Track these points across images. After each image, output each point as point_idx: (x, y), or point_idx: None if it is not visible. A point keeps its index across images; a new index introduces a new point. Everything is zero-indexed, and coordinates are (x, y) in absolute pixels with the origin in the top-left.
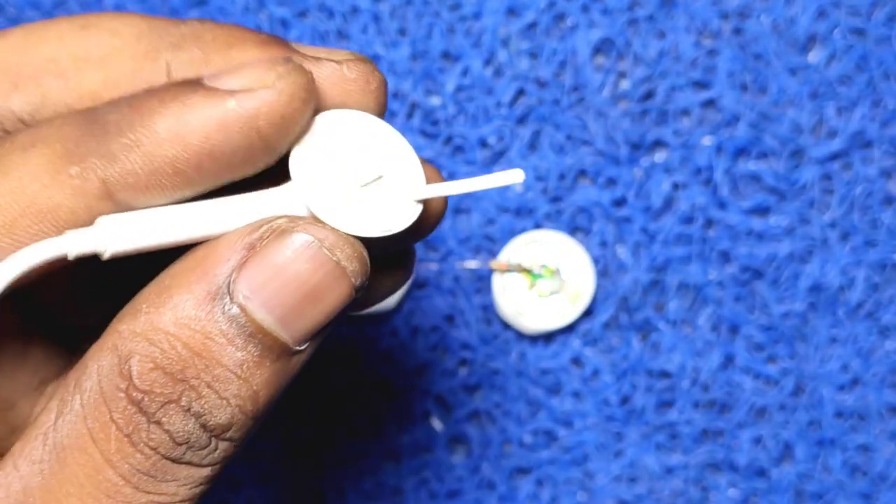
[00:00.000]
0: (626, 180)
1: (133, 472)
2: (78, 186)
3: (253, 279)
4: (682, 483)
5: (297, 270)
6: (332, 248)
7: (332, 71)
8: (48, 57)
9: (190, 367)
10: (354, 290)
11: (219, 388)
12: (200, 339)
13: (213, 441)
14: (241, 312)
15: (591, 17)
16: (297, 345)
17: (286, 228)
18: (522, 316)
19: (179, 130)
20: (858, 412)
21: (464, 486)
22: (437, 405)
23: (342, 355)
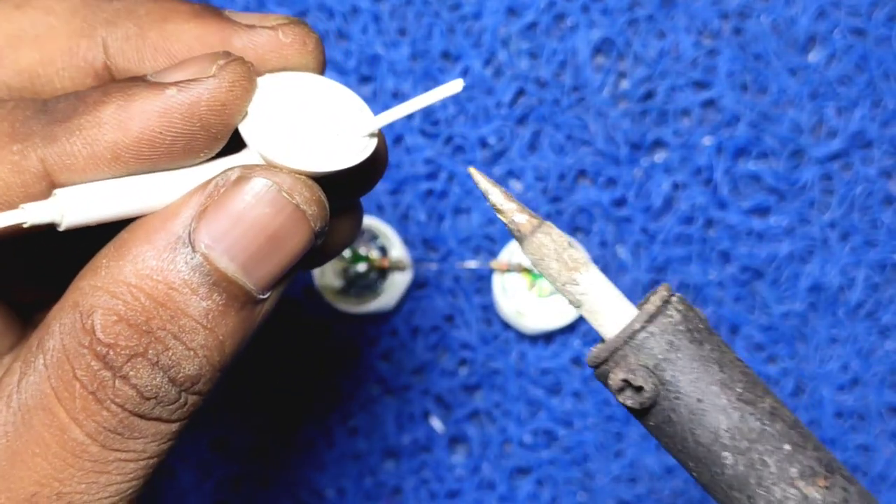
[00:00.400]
0: (626, 180)
1: (99, 429)
2: (17, 163)
3: (214, 227)
4: (682, 483)
5: (257, 215)
6: (291, 191)
7: (267, 37)
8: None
9: (155, 318)
10: (314, 234)
11: (185, 339)
12: (164, 290)
13: (181, 395)
14: (204, 261)
15: (591, 17)
16: (261, 292)
17: (243, 175)
18: (522, 316)
19: (121, 117)
20: (858, 412)
21: (464, 486)
22: (437, 405)
23: (342, 355)
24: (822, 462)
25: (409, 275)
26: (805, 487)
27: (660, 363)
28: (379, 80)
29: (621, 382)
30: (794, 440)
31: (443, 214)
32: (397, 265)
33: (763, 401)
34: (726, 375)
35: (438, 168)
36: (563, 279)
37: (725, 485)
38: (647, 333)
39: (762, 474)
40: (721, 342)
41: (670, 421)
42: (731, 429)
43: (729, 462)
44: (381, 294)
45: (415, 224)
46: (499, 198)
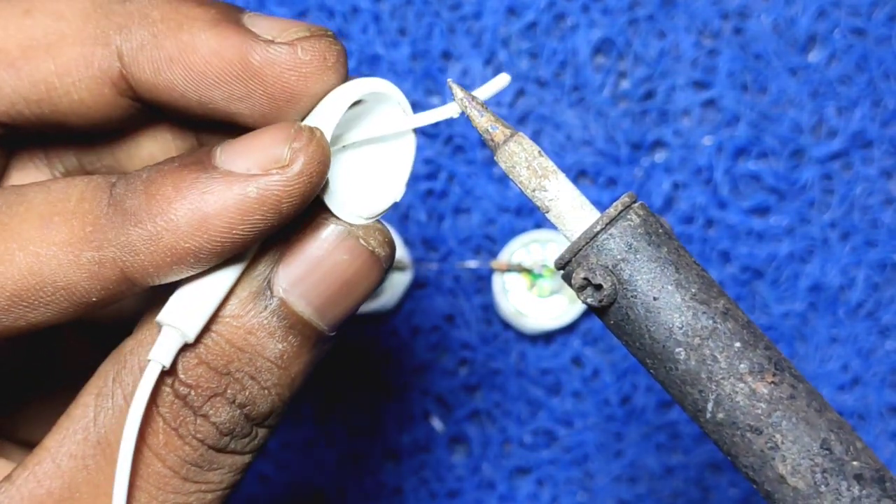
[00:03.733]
0: (627, 180)
1: (181, 463)
2: (95, 272)
3: (291, 273)
4: (682, 483)
5: (335, 262)
6: (367, 237)
7: (286, 55)
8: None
9: (234, 361)
10: (385, 270)
11: (261, 378)
12: (242, 334)
13: (254, 429)
14: (281, 305)
15: (591, 17)
16: (332, 331)
17: (320, 222)
18: (522, 316)
19: (200, 223)
20: (858, 412)
21: (464, 485)
22: (437, 405)
23: (342, 355)
24: (771, 360)
25: (409, 275)
26: (753, 383)
27: (619, 263)
28: None
29: (582, 281)
30: (745, 338)
31: (443, 214)
32: (397, 265)
33: (717, 301)
34: (682, 276)
35: (438, 168)
36: (533, 185)
37: (679, 380)
38: (608, 235)
39: (713, 369)
40: (680, 247)
41: (628, 318)
42: (685, 326)
43: (682, 358)
44: (381, 294)
45: (415, 224)
46: (475, 109)
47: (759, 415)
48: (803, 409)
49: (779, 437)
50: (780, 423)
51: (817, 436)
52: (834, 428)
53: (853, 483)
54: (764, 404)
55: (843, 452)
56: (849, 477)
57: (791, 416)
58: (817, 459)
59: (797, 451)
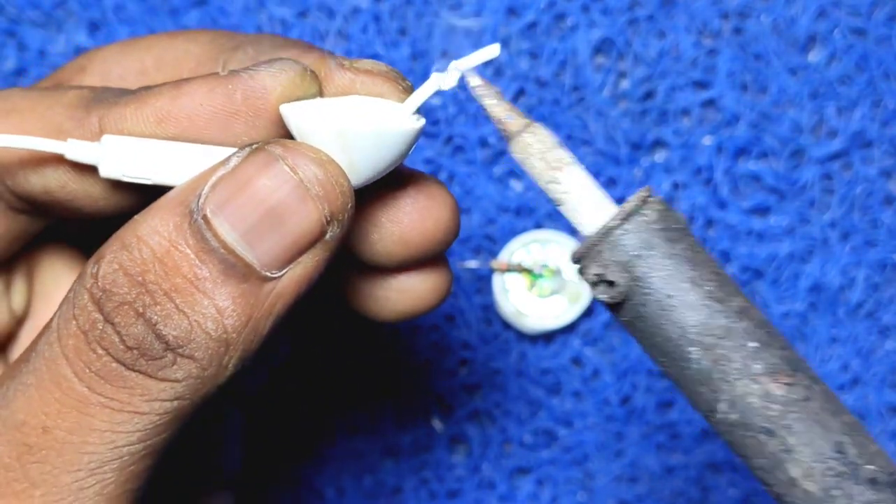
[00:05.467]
0: (627, 180)
1: (84, 370)
2: (80, 119)
3: (220, 194)
4: (682, 483)
5: (258, 185)
6: (294, 165)
7: (364, 79)
8: (136, 60)
9: (150, 272)
10: (325, 217)
11: (176, 297)
12: (165, 246)
13: (168, 353)
14: (206, 224)
15: (591, 16)
16: (265, 268)
17: (258, 147)
18: (522, 316)
19: (173, 90)
20: (858, 412)
21: (464, 485)
22: (437, 405)
23: (342, 355)
24: (787, 361)
25: None
26: (767, 383)
27: (633, 259)
28: None
29: (594, 277)
30: (761, 338)
31: None
32: None
33: (732, 300)
34: (697, 274)
35: (438, 168)
36: (546, 178)
37: (691, 379)
38: (623, 231)
39: (726, 369)
40: (696, 243)
41: (641, 316)
42: (699, 325)
43: (695, 357)
44: None
45: None
46: (491, 98)
47: (773, 416)
48: (817, 412)
49: (792, 439)
50: (793, 426)
51: (831, 439)
52: (848, 431)
53: (867, 487)
54: (778, 406)
55: (856, 456)
56: (862, 481)
57: (805, 419)
58: (830, 463)
59: (810, 454)
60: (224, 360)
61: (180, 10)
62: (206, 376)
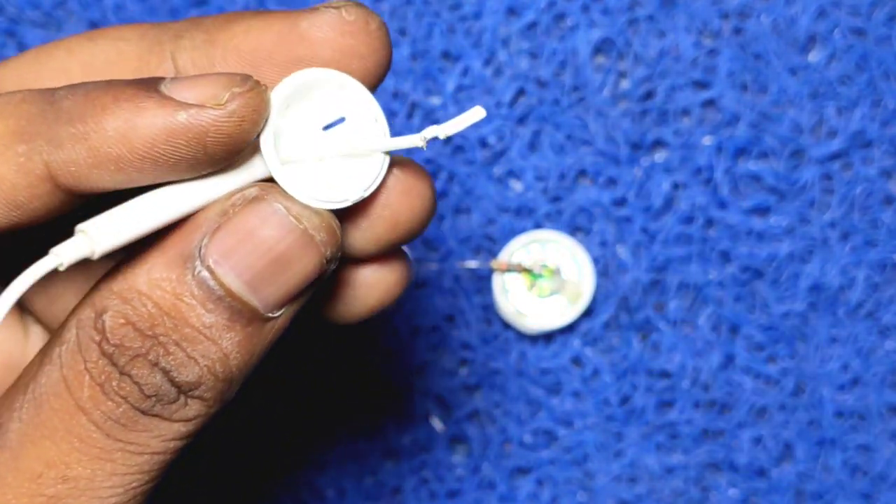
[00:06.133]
0: (627, 180)
1: (104, 419)
2: (22, 164)
3: (222, 243)
4: (682, 483)
5: (264, 236)
6: (299, 216)
7: (331, 17)
8: (58, 68)
9: (159, 325)
10: (325, 259)
11: (186, 346)
12: (170, 299)
13: (181, 397)
14: (210, 275)
15: (591, 16)
16: (268, 311)
17: (257, 196)
18: (522, 316)
19: (127, 133)
20: (858, 412)
21: (464, 485)
22: (437, 405)
23: (342, 355)
24: None
25: None
26: None
27: None
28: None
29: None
30: None
31: (443, 214)
32: None
33: None
34: None
35: (438, 168)
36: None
37: None
38: None
39: None
40: None
41: None
42: None
43: None
44: None
45: None
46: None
47: None
48: None
49: None
50: None
51: None
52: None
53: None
54: None
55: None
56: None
57: None
58: None
59: None
60: (226, 395)
61: (180, 10)
62: (212, 413)
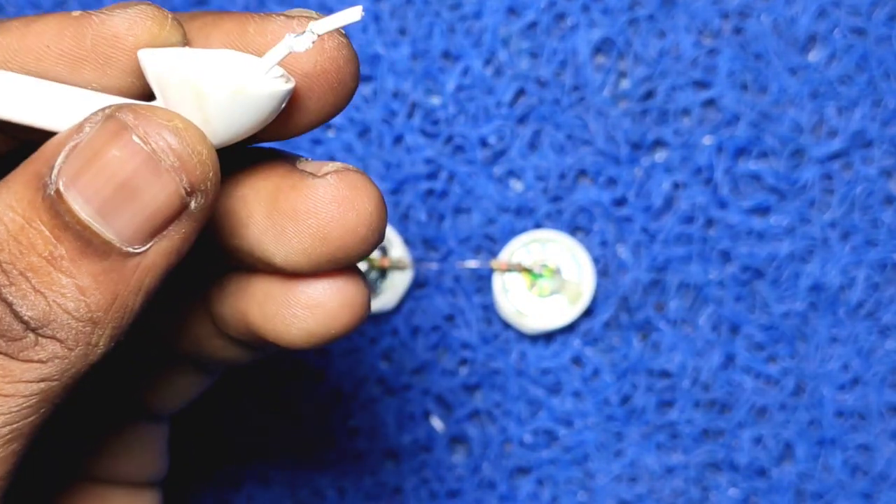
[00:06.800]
0: (627, 180)
1: None
2: None
3: (73, 165)
4: (682, 483)
5: (109, 157)
6: (146, 135)
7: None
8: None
9: (4, 251)
10: (183, 189)
11: (32, 278)
12: (19, 223)
13: (29, 334)
14: (58, 199)
15: (591, 16)
16: (126, 245)
17: (111, 113)
18: (522, 316)
19: (25, 25)
20: (859, 412)
21: (464, 485)
22: (437, 405)
23: (342, 355)
24: None
25: (409, 274)
26: None
27: None
28: (379, 80)
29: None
30: None
31: (443, 214)
32: (398, 265)
33: None
34: None
35: (439, 168)
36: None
37: None
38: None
39: None
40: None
41: None
42: None
43: None
44: (382, 294)
45: (415, 224)
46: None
47: None
48: None
49: None
50: None
51: None
52: None
53: None
54: None
55: None
56: None
57: None
58: None
59: None
60: (93, 338)
61: (179, 10)
62: (73, 356)
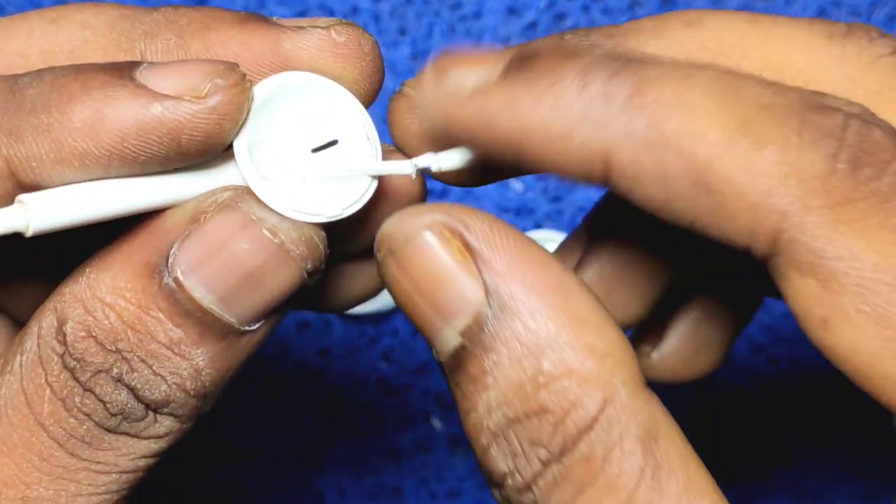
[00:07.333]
0: None
1: (67, 437)
2: None
3: (191, 254)
4: None
5: (237, 250)
6: (275, 229)
7: (319, 38)
8: (17, 52)
9: (122, 340)
10: (306, 273)
11: (153, 363)
12: (135, 312)
13: (150, 414)
14: (178, 288)
15: (591, 16)
16: (244, 325)
17: (229, 203)
18: None
19: (95, 125)
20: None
21: (464, 485)
22: (437, 405)
23: (342, 355)
24: None
25: None
26: None
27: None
28: None
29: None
30: None
31: None
32: None
33: None
34: None
35: None
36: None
37: None
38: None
39: None
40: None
41: None
42: None
43: None
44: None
45: None
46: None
47: None
48: None
49: None
50: None
51: None
52: None
53: None
54: None
55: None
56: None
57: None
58: None
59: None
60: (203, 409)
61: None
62: (186, 428)
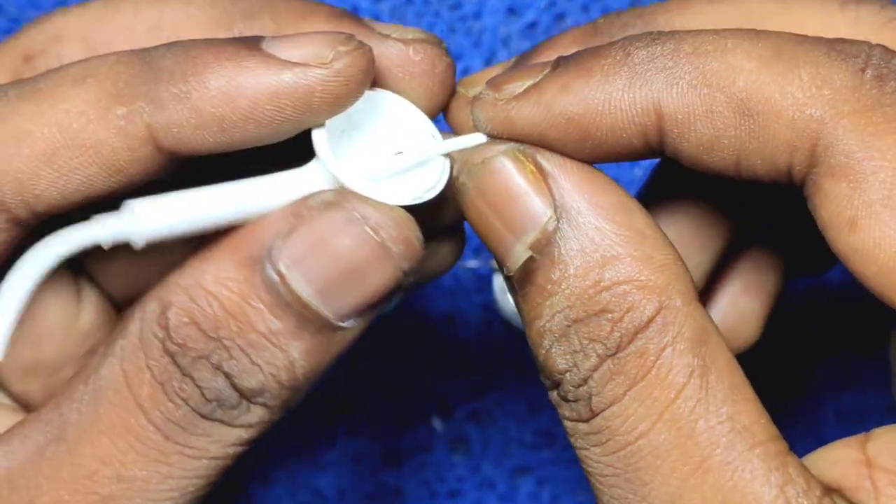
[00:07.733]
0: (627, 179)
1: (163, 420)
2: (122, 128)
3: (294, 249)
4: None
5: (339, 245)
6: (377, 227)
7: (397, 51)
8: (125, 25)
9: (223, 328)
10: (402, 272)
11: (251, 352)
12: (237, 301)
13: (243, 402)
14: (280, 280)
15: (591, 16)
16: (340, 320)
17: (333, 202)
18: None
19: (231, 91)
20: (858, 412)
21: (464, 485)
22: (437, 405)
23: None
24: None
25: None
26: None
27: None
28: None
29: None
30: None
31: None
32: None
33: None
34: None
35: None
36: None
37: None
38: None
39: None
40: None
41: None
42: None
43: None
44: None
45: None
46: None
47: None
48: None
49: None
50: None
51: None
52: None
53: None
54: None
55: None
56: None
57: None
58: None
59: None
60: (292, 402)
61: None
62: (275, 419)
